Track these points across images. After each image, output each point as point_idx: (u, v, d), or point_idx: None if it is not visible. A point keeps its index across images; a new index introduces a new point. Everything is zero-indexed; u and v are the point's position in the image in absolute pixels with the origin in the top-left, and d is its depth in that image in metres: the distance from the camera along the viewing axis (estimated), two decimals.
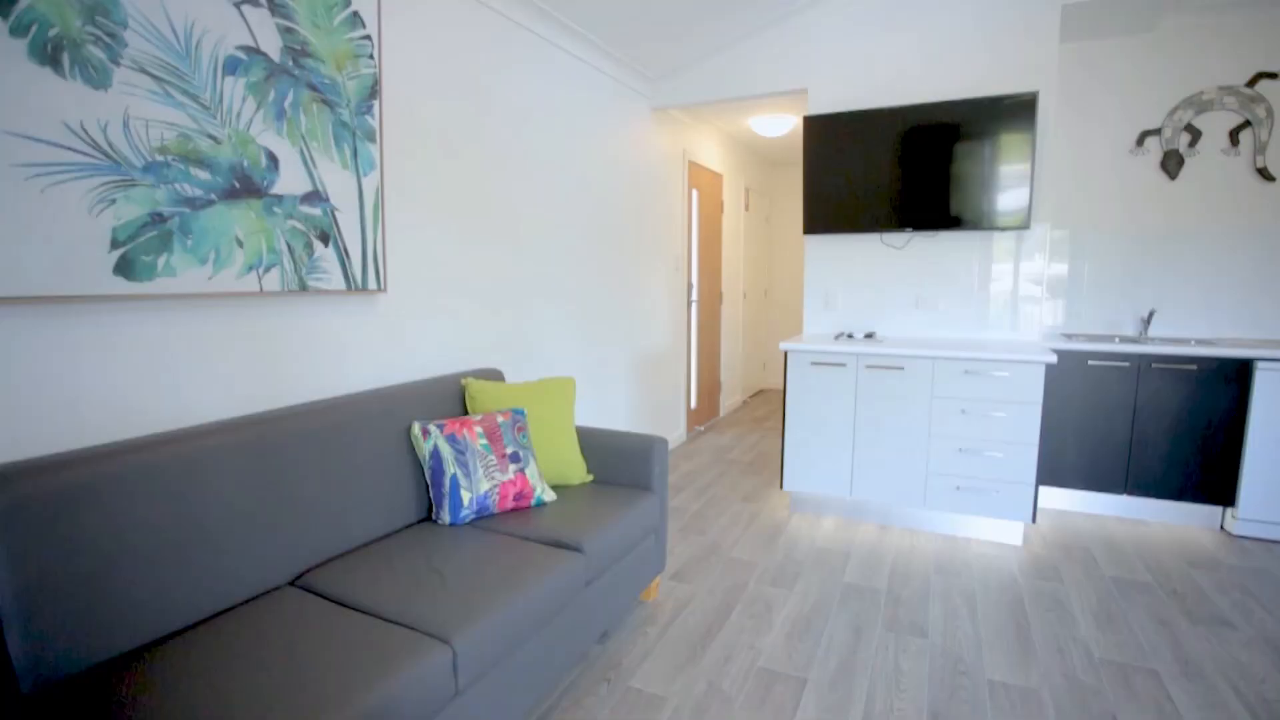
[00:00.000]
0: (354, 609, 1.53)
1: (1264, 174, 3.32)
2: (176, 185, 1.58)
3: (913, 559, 2.85)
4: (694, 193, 4.96)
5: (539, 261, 3.12)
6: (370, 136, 2.10)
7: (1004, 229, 3.13)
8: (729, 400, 6.05)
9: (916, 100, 3.34)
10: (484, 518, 2.07)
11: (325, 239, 1.98)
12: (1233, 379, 3.04)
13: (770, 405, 6.36)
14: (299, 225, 1.89)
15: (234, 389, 1.79)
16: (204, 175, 1.64)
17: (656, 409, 4.47)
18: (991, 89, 3.20)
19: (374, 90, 2.10)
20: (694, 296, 5.07)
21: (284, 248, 1.85)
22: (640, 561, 2.26)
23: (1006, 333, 3.31)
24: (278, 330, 1.90)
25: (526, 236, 3.02)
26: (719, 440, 4.96)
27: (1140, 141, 3.53)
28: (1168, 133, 3.47)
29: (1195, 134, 3.43)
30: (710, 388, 5.52)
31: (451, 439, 2.05)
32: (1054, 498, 3.49)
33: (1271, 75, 3.27)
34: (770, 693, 1.93)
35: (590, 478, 2.45)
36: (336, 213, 2.01)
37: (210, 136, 1.65)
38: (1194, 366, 3.09)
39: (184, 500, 1.45)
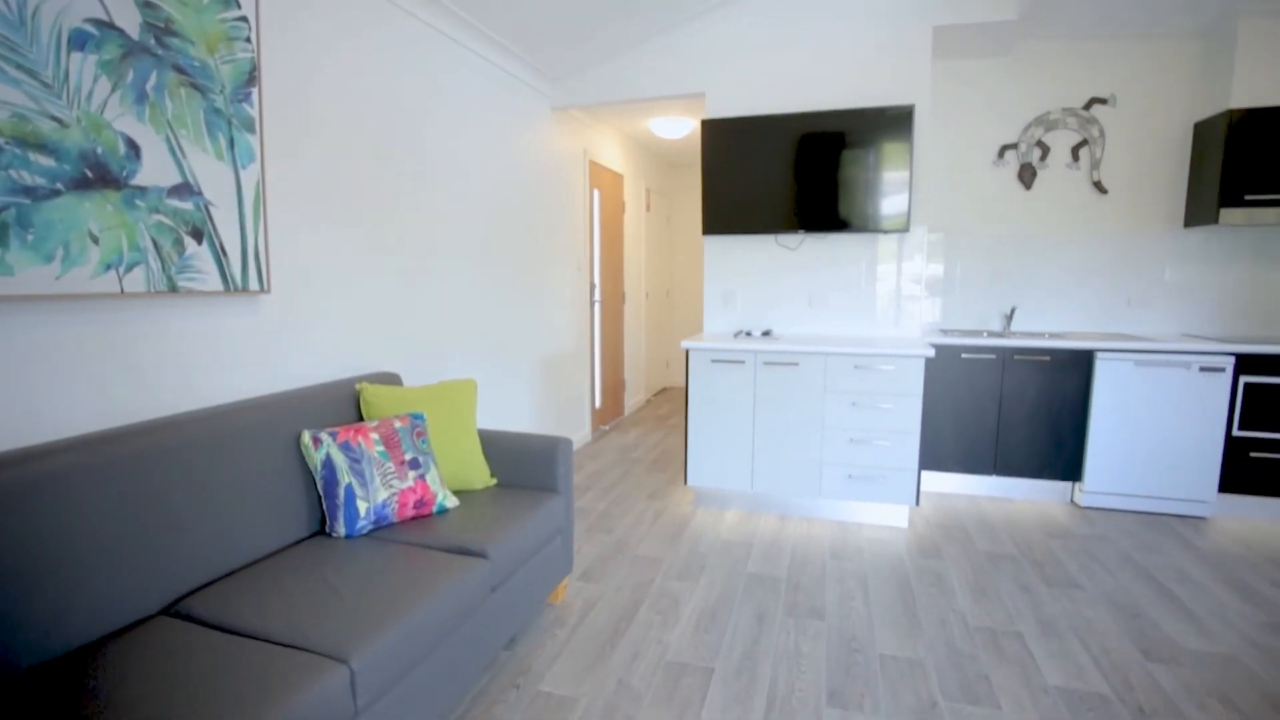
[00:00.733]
0: (238, 634, 1.42)
1: (1099, 187, 3.76)
2: (11, 172, 1.40)
3: (810, 546, 2.99)
4: (595, 193, 4.97)
5: (439, 261, 3.02)
6: (249, 126, 1.95)
7: (887, 231, 3.35)
8: (633, 399, 6.11)
9: (808, 108, 3.51)
10: (383, 528, 1.98)
11: (198, 236, 1.82)
12: (1079, 368, 3.41)
13: (673, 403, 6.48)
14: (166, 220, 1.73)
15: (94, 401, 1.61)
16: (47, 162, 1.46)
17: (561, 409, 4.45)
18: (875, 100, 3.41)
19: (252, 76, 1.95)
20: (597, 296, 5.08)
21: (149, 244, 1.69)
22: (547, 564, 2.24)
23: (891, 329, 3.55)
24: (145, 335, 1.73)
25: (426, 235, 2.91)
26: (624, 439, 5.00)
27: (1001, 154, 3.89)
28: (1023, 147, 3.85)
29: (1045, 149, 3.81)
30: (614, 387, 5.56)
31: (345, 447, 1.94)
32: (935, 481, 3.77)
33: (1102, 100, 3.70)
34: (678, 686, 1.97)
35: (494, 481, 2.40)
36: (211, 207, 1.85)
37: (54, 119, 1.47)
38: (1047, 358, 3.44)
39: (27, 526, 1.28)
